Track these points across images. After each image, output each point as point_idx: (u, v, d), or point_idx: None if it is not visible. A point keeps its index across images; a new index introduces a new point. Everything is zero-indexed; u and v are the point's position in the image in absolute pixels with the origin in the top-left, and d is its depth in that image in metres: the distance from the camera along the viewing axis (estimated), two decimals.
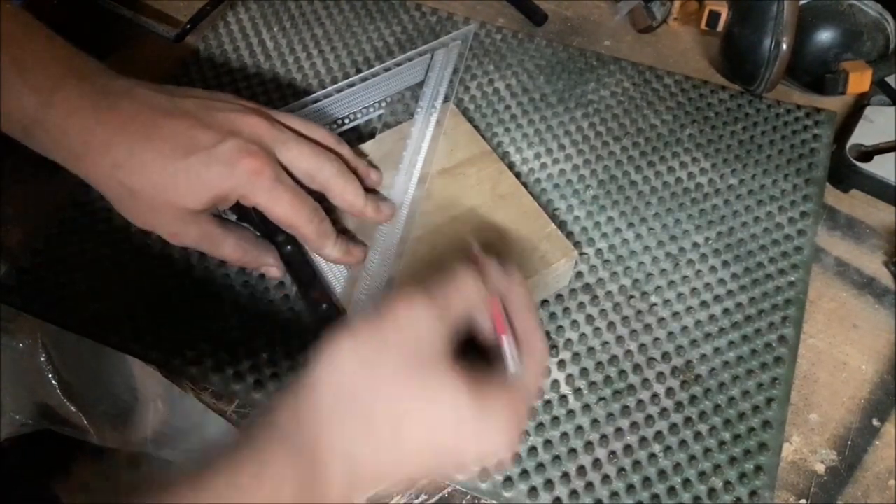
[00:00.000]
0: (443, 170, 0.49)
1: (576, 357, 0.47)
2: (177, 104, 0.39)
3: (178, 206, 0.39)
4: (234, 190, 0.39)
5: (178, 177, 0.38)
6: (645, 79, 0.60)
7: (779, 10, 0.54)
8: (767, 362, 0.47)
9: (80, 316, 0.48)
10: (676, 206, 0.53)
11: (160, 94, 0.40)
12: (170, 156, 0.38)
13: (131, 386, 0.45)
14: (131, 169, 0.38)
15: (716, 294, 0.49)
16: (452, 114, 0.53)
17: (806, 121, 0.58)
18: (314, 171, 0.41)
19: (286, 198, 0.40)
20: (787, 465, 0.44)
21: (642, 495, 0.42)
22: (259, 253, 0.45)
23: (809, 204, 0.53)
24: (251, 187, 0.39)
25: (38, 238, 0.51)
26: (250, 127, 0.40)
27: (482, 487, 0.43)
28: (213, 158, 0.38)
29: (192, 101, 0.40)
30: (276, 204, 0.39)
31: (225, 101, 0.41)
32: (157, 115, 0.38)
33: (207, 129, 0.38)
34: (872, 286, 0.51)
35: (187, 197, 0.38)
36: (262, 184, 0.39)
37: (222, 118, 0.39)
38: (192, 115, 0.39)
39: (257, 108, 0.42)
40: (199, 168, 0.38)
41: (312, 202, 0.41)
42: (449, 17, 0.64)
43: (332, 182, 0.42)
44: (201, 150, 0.38)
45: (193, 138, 0.38)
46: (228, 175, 0.38)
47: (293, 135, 0.41)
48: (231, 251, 0.43)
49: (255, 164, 0.38)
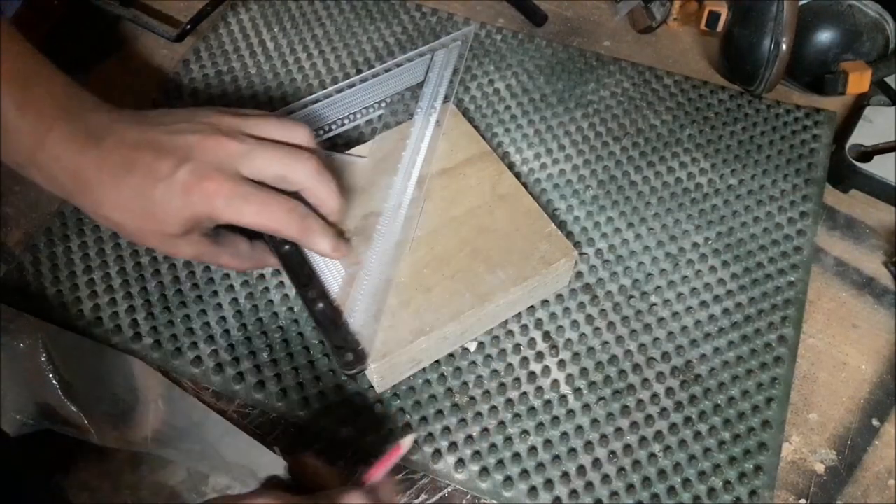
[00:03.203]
0: (443, 170, 0.49)
1: (576, 357, 0.47)
2: (146, 134, 0.40)
3: (162, 232, 0.40)
4: (201, 214, 0.40)
5: (152, 209, 0.39)
6: (645, 79, 0.60)
7: (778, 11, 0.54)
8: (767, 362, 0.47)
9: (80, 316, 0.48)
10: (676, 207, 0.53)
11: (136, 125, 0.40)
12: (139, 190, 0.39)
13: (132, 386, 0.45)
14: (112, 206, 0.40)
15: (715, 294, 0.49)
16: (452, 114, 0.53)
17: (806, 121, 0.58)
18: (286, 172, 0.41)
19: (252, 208, 0.40)
20: (786, 464, 0.44)
21: (642, 495, 0.42)
22: (256, 258, 0.46)
23: (809, 204, 0.53)
24: (213, 209, 0.39)
25: (38, 238, 0.51)
26: (208, 148, 0.40)
27: (482, 487, 0.43)
28: (171, 188, 0.39)
29: (161, 129, 0.41)
30: (243, 216, 0.40)
31: (193, 122, 0.41)
32: (130, 149, 0.39)
33: (168, 157, 0.39)
34: (872, 286, 0.51)
35: (165, 224, 0.40)
36: (222, 203, 0.39)
37: (182, 143, 0.40)
38: (157, 145, 0.40)
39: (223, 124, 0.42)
40: (165, 199, 0.39)
41: (288, 202, 0.41)
42: (449, 18, 0.64)
43: (306, 182, 0.42)
44: (162, 180, 0.39)
45: (156, 170, 0.39)
46: (187, 202, 0.39)
47: (258, 143, 0.41)
48: (228, 262, 0.44)
49: (209, 186, 0.39)
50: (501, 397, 0.45)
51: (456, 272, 0.45)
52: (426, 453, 0.44)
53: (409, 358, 0.44)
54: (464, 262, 0.45)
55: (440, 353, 0.46)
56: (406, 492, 0.43)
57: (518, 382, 0.46)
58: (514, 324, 0.48)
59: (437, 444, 0.44)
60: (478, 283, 0.44)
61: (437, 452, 0.44)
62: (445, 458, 0.43)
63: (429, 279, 0.44)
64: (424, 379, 0.46)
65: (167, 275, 0.49)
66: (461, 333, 0.45)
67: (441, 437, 0.44)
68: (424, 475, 0.43)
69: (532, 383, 0.46)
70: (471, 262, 0.45)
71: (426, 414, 0.45)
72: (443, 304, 0.44)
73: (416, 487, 0.43)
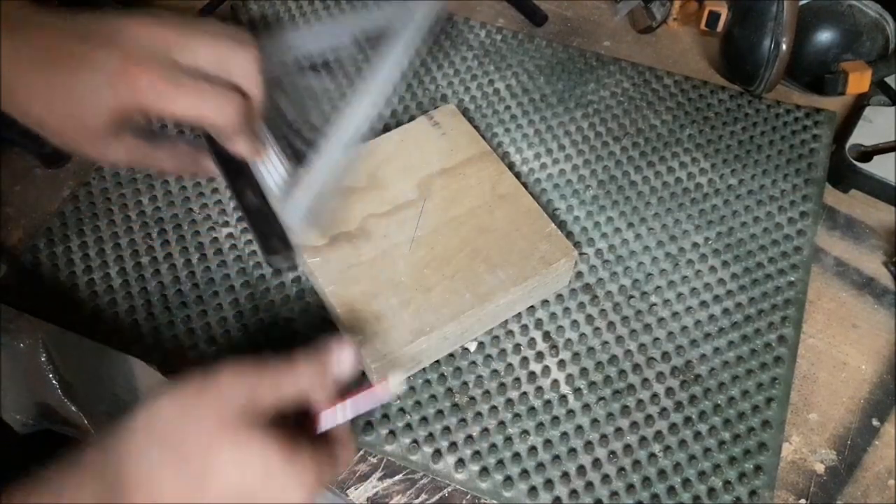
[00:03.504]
0: (443, 170, 0.49)
1: (576, 357, 0.47)
2: (69, 21, 0.37)
3: (89, 127, 0.37)
4: (131, 105, 0.36)
5: (76, 102, 0.36)
6: (645, 79, 0.60)
7: (778, 11, 0.54)
8: (767, 362, 0.47)
9: (80, 316, 0.48)
10: (676, 206, 0.53)
11: (58, 13, 0.37)
12: (61, 80, 0.36)
13: (132, 386, 0.45)
14: (31, 101, 0.36)
15: (715, 294, 0.49)
16: (452, 114, 0.53)
17: (806, 121, 0.58)
18: (225, 59, 0.38)
19: (187, 98, 0.37)
20: (786, 464, 0.44)
21: (642, 495, 0.42)
22: (194, 161, 0.43)
23: (809, 204, 0.53)
24: (143, 97, 0.36)
25: (38, 238, 0.51)
26: (139, 34, 0.37)
27: (482, 487, 0.43)
28: (97, 77, 0.36)
29: (88, 16, 0.37)
30: (176, 107, 0.37)
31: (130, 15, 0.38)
32: (50, 36, 0.36)
33: (93, 42, 0.36)
34: (872, 286, 0.51)
35: (91, 119, 0.37)
36: (150, 91, 0.36)
37: (109, 28, 0.37)
38: (81, 30, 0.37)
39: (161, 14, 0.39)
40: (89, 89, 0.36)
41: (226, 93, 0.38)
42: (449, 18, 0.64)
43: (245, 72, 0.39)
44: (87, 68, 0.36)
45: (80, 57, 0.36)
46: (115, 93, 0.36)
47: (195, 29, 0.38)
48: (166, 165, 0.42)
49: (137, 72, 0.36)
50: (501, 397, 0.45)
51: (456, 272, 0.45)
52: (426, 453, 0.44)
53: (409, 357, 0.44)
54: (464, 262, 0.45)
55: (440, 353, 0.46)
56: (406, 492, 0.43)
57: (518, 382, 0.46)
58: (514, 324, 0.48)
59: (437, 444, 0.44)
60: (478, 283, 0.44)
61: (437, 452, 0.44)
62: (445, 458, 0.43)
63: (429, 279, 0.45)
64: (424, 379, 0.46)
65: (167, 275, 0.49)
66: (461, 333, 0.45)
67: (441, 437, 0.44)
68: (424, 475, 0.43)
69: (532, 383, 0.46)
70: (471, 262, 0.45)
71: (426, 414, 0.45)
72: (443, 304, 0.44)
73: (416, 487, 0.43)
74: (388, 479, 0.43)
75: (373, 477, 0.43)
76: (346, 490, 0.43)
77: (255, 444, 0.31)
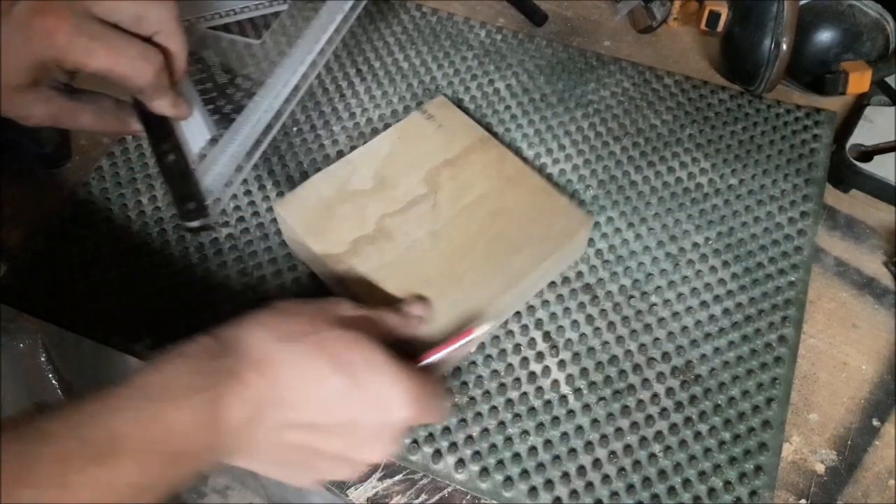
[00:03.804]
0: (446, 161, 0.50)
1: (576, 357, 0.47)
2: None
3: (7, 85, 0.36)
4: (45, 56, 0.35)
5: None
6: (645, 79, 0.60)
7: (779, 11, 0.54)
8: (767, 362, 0.47)
9: (80, 316, 0.48)
10: (676, 206, 0.53)
11: None
12: None
13: None
14: None
15: (716, 294, 0.49)
16: (445, 105, 0.53)
17: (806, 121, 0.58)
18: (143, 11, 0.37)
19: (102, 50, 0.36)
20: (787, 464, 0.44)
21: (642, 495, 0.42)
22: (119, 119, 0.43)
23: (809, 204, 0.53)
24: (57, 48, 0.35)
25: (38, 238, 0.51)
26: None
27: (482, 487, 0.43)
28: (8, 26, 0.35)
29: None
30: (91, 58, 0.36)
31: None
32: None
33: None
34: (872, 286, 0.51)
35: (5, 72, 0.36)
36: (66, 41, 0.35)
37: None
38: None
39: None
40: (5, 37, 0.35)
41: (144, 47, 0.37)
42: (449, 18, 0.64)
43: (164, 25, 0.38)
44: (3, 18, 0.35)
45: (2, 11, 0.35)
46: (27, 42, 0.35)
47: None
48: (89, 122, 0.41)
49: (49, 21, 0.35)
50: (501, 397, 0.45)
51: (482, 259, 0.45)
52: (426, 453, 0.44)
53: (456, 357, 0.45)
54: (487, 247, 0.46)
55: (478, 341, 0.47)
56: (406, 492, 0.43)
57: (518, 382, 0.46)
58: (514, 324, 0.48)
59: (437, 444, 0.44)
60: (506, 265, 0.45)
61: (437, 452, 0.44)
62: (445, 459, 0.43)
63: (457, 269, 0.45)
64: None
65: (167, 275, 0.49)
66: (497, 316, 0.46)
67: (441, 437, 0.44)
68: (424, 475, 0.43)
69: (532, 383, 0.46)
70: (494, 246, 0.46)
71: None
72: (476, 291, 0.44)
73: (416, 487, 0.43)
74: (388, 480, 0.43)
75: (373, 477, 0.43)
76: (346, 490, 0.43)
77: (375, 346, 0.34)
